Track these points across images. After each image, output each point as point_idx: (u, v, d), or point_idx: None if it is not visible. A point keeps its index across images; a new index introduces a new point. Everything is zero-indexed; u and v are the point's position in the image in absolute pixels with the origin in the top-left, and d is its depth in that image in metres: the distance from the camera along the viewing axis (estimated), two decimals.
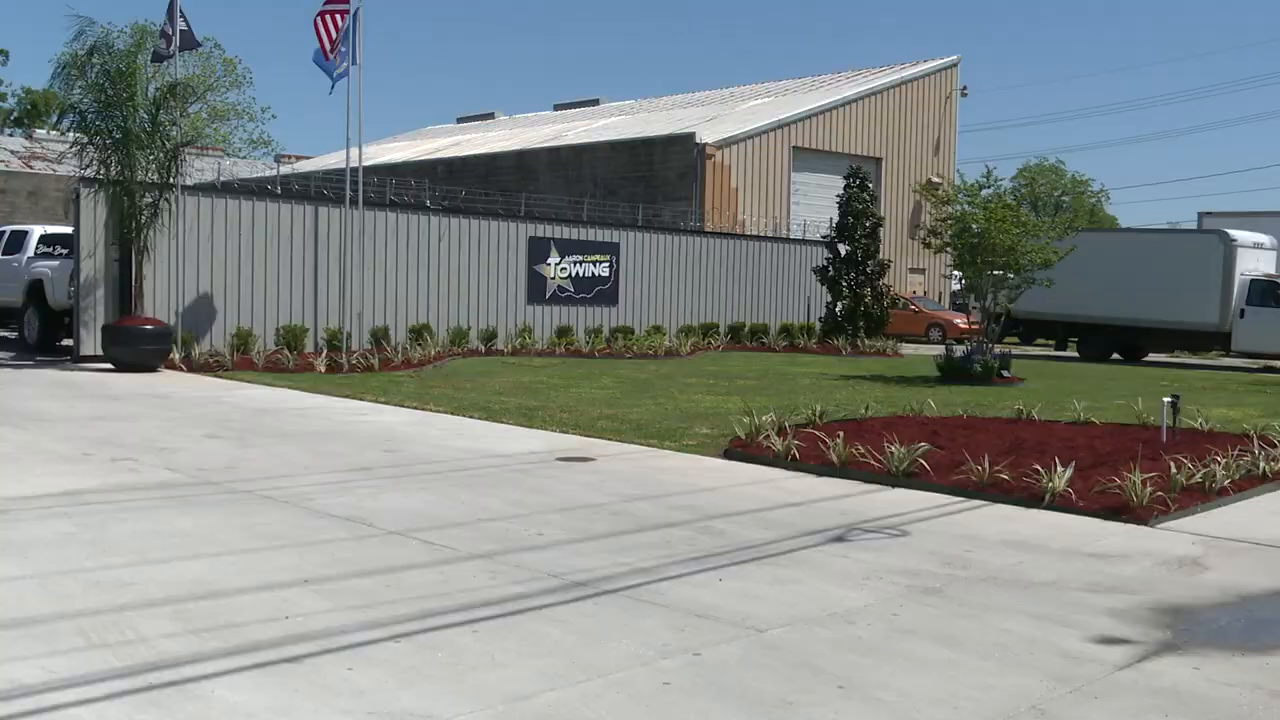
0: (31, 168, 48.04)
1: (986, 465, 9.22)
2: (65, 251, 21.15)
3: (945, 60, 44.56)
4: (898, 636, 5.40)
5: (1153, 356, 29.77)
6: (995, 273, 20.55)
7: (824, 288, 29.71)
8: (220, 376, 17.87)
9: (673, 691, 4.59)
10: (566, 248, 26.35)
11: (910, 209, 41.94)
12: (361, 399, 14.99)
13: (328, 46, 18.94)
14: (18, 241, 22.60)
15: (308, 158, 53.25)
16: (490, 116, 58.04)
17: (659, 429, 12.41)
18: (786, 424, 11.50)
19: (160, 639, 5.01)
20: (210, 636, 5.07)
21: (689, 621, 5.53)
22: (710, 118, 41.48)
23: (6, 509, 7.59)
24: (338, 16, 18.96)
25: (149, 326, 18.66)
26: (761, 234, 33.10)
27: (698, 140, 36.23)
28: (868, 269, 29.30)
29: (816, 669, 4.90)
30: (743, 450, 10.84)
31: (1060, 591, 6.30)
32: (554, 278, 26.09)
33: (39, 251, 21.97)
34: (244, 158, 52.27)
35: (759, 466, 10.32)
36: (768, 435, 11.01)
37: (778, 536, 7.48)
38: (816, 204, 37.87)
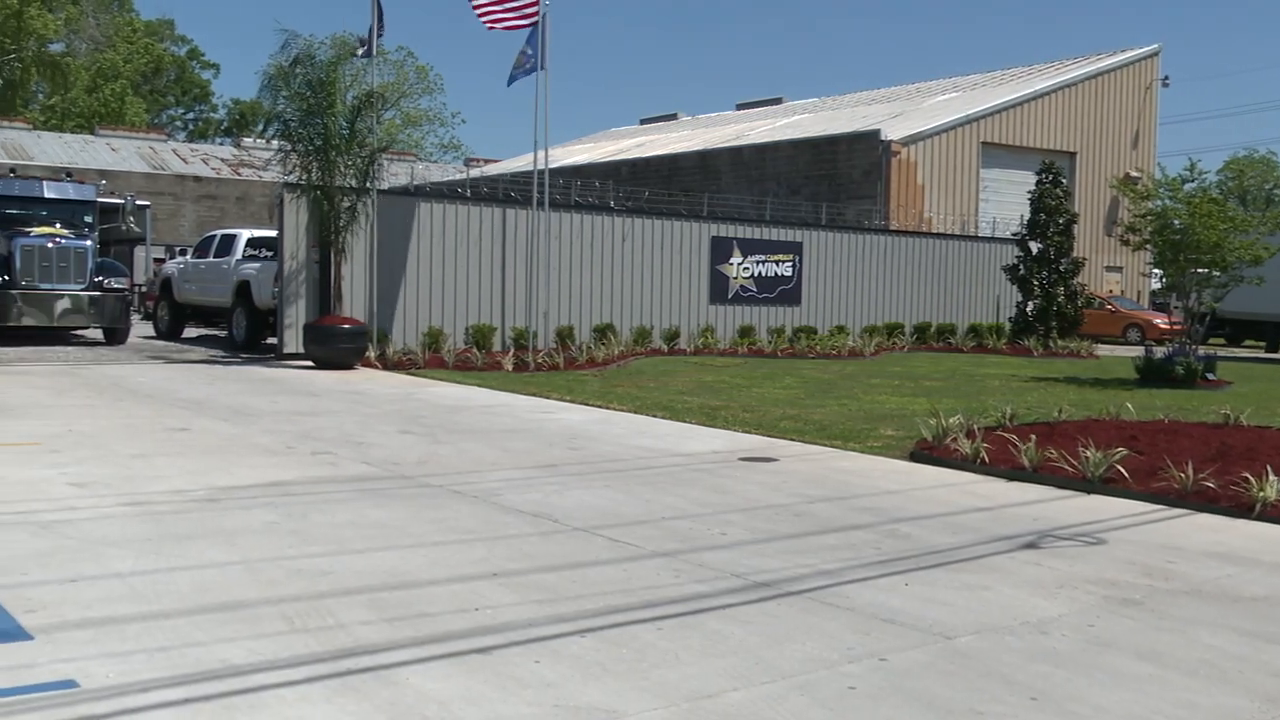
0: (239, 174, 50.61)
1: (1190, 472, 8.79)
2: (270, 254, 22.17)
3: (1145, 49, 42.72)
4: (1094, 649, 5.20)
5: None
6: (1199, 271, 19.60)
7: (1014, 286, 28.85)
8: (412, 374, 18.46)
9: (858, 696, 4.53)
10: (749, 247, 26.29)
11: (1107, 205, 40.38)
12: (547, 397, 15.27)
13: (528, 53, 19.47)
14: (227, 245, 23.83)
15: (496, 161, 54.57)
16: (673, 117, 58.36)
17: (843, 430, 12.26)
18: (975, 426, 11.20)
19: (357, 626, 5.19)
20: (404, 625, 5.23)
21: (874, 626, 5.44)
22: (896, 114, 40.77)
23: (217, 498, 8.00)
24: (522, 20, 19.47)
25: (346, 325, 19.41)
26: (948, 232, 32.38)
27: (883, 137, 35.64)
28: (1060, 267, 28.31)
29: (1007, 679, 4.75)
30: (929, 452, 10.61)
31: (1273, 607, 5.96)
32: (736, 277, 26.06)
33: (246, 254, 23.11)
34: (435, 162, 53.80)
35: (946, 469, 10.09)
36: (955, 438, 10.75)
37: (966, 541, 7.29)
38: (1006, 201, 36.83)
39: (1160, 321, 32.37)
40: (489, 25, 19.68)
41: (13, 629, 4.99)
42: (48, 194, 23.49)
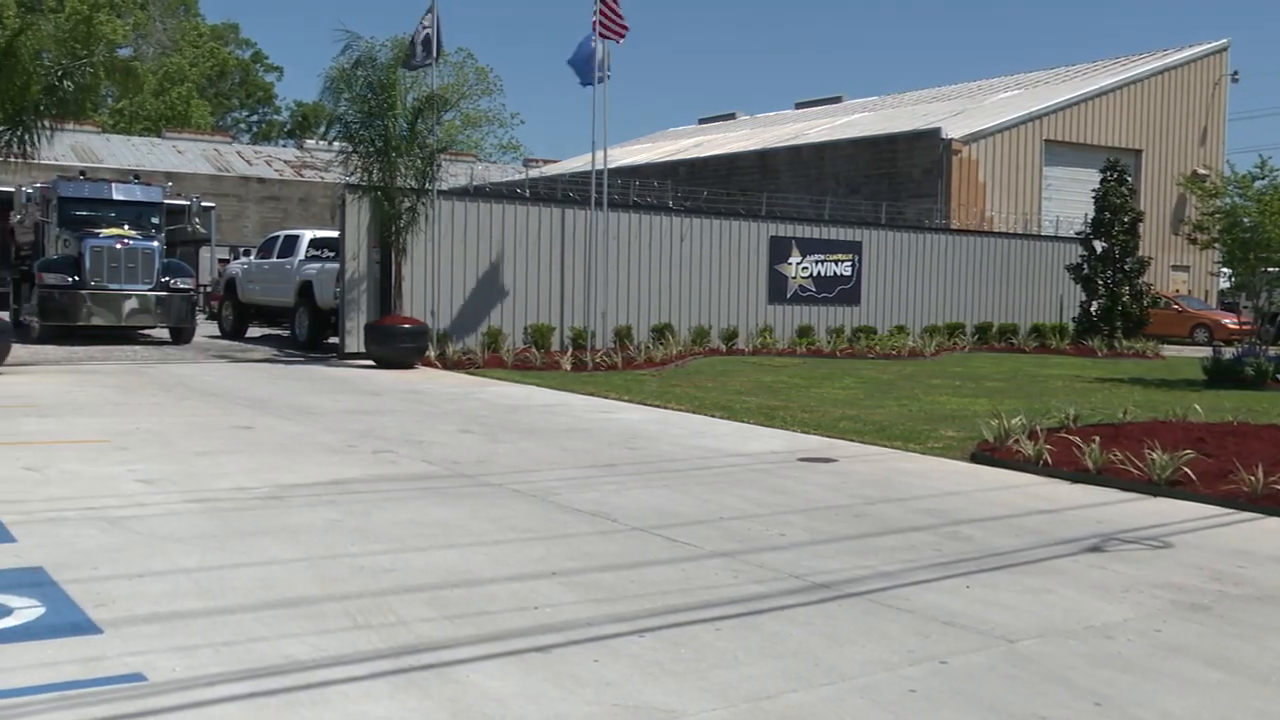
0: (302, 175, 51.23)
1: (1260, 475, 8.62)
2: (332, 254, 22.43)
3: (1214, 44, 41.98)
4: (1161, 654, 5.11)
5: None
6: (1269, 269, 19.23)
7: (1078, 286, 28.48)
8: (472, 373, 18.58)
9: (918, 699, 4.49)
10: (808, 247, 26.18)
11: (1173, 203, 39.73)
12: (605, 397, 15.30)
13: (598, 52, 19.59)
14: (290, 246, 24.14)
15: (554, 161, 54.80)
16: (731, 117, 58.26)
17: (903, 430, 12.17)
18: (1037, 427, 11.06)
19: (418, 623, 5.24)
20: (464, 623, 5.27)
21: (935, 628, 5.39)
22: (957, 112, 40.39)
23: (280, 496, 8.10)
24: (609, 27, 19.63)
25: (407, 325, 19.58)
26: (1010, 231, 32.03)
27: (943, 135, 35.32)
28: (1126, 266, 27.90)
29: (1070, 684, 4.69)
30: (990, 454, 10.50)
31: None
32: (795, 277, 25.97)
33: (309, 255, 23.39)
34: (494, 162, 54.19)
35: (1007, 471, 9.98)
36: (1017, 439, 10.63)
37: (1028, 544, 7.21)
38: (1070, 199, 36.36)
39: (1229, 321, 31.79)
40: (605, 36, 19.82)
41: (83, 622, 5.08)
42: (116, 196, 23.92)
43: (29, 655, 4.65)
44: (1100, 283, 27.84)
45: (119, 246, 22.23)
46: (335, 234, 22.26)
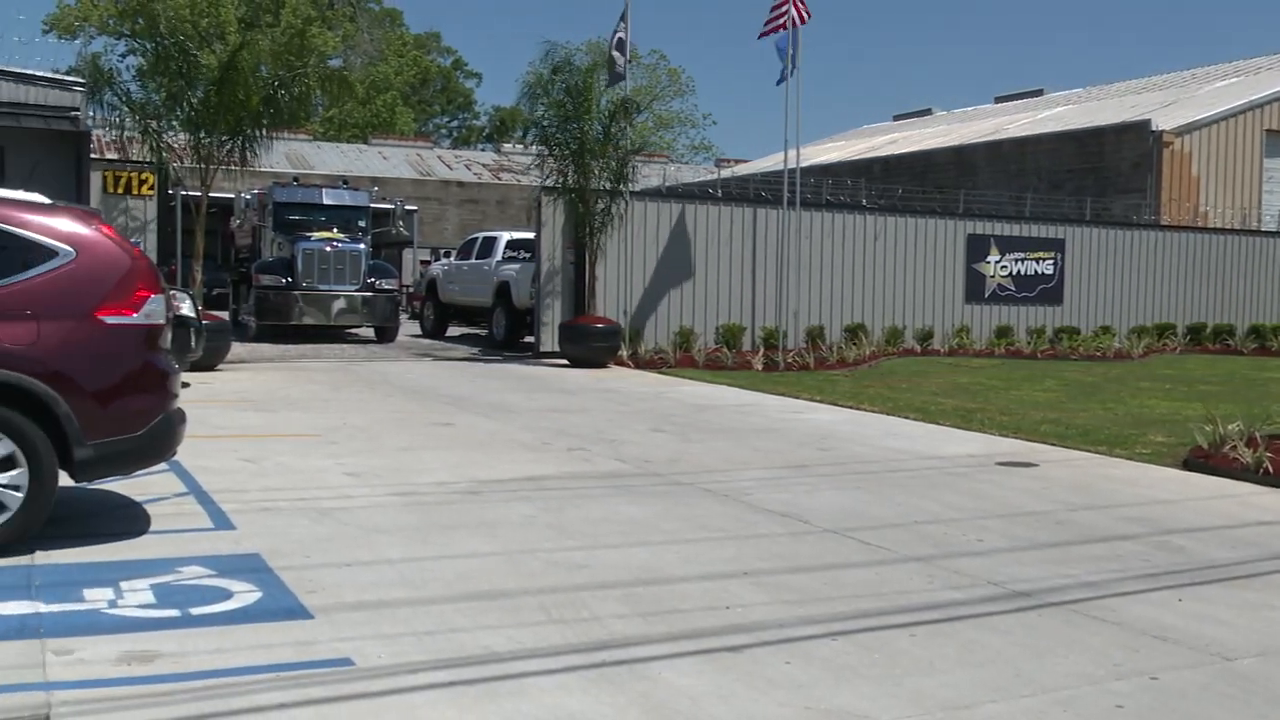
0: (499, 179, 52.56)
1: None
2: (527, 255, 22.93)
3: None
4: None
5: None
6: None
7: None
8: (663, 373, 18.72)
9: (1126, 715, 4.31)
10: (1007, 245, 25.44)
11: None
12: (797, 397, 15.20)
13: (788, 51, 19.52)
14: (488, 247, 24.79)
15: (746, 161, 54.70)
16: (927, 112, 57.03)
17: (1107, 435, 11.70)
18: (1256, 433, 10.47)
19: (611, 619, 5.31)
20: (656, 620, 5.31)
21: (1143, 642, 5.17)
22: (1167, 103, 38.56)
23: (478, 491, 8.34)
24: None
25: (600, 325, 19.86)
26: (1227, 226, 30.41)
27: (1153, 127, 33.75)
28: None
29: None
30: (1204, 461, 9.99)
31: None
32: (993, 276, 25.26)
33: (506, 256, 23.98)
34: (686, 163, 54.47)
35: (1222, 479, 9.48)
36: (1234, 445, 10.08)
37: (1246, 557, 6.83)
38: None
39: None
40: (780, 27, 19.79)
41: (296, 608, 5.34)
42: (326, 200, 25.03)
43: (248, 637, 4.92)
44: None
45: (329, 249, 23.24)
46: (531, 235, 22.74)
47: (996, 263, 25.24)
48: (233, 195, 25.97)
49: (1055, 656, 4.95)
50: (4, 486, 6.05)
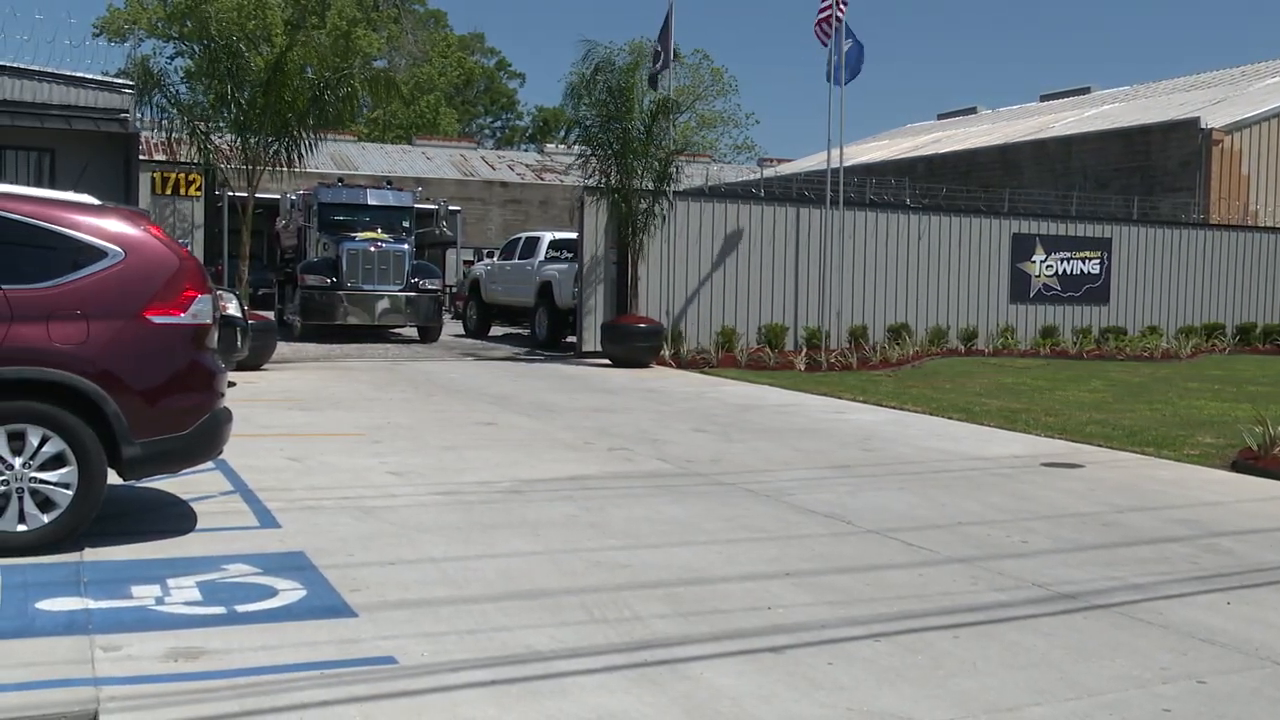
0: (542, 179, 52.70)
1: None
2: (570, 255, 22.98)
3: None
4: None
5: None
6: None
7: None
8: (705, 373, 18.70)
9: (1173, 719, 4.26)
10: (1053, 244, 25.20)
11: None
12: (839, 397, 15.13)
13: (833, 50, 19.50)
14: (531, 247, 24.88)
15: (789, 161, 54.53)
16: (972, 111, 56.58)
17: (1155, 436, 11.57)
18: None
19: (653, 619, 5.31)
20: (698, 620, 5.31)
21: (1191, 645, 5.10)
22: (1217, 100, 38.04)
23: (520, 490, 8.36)
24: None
25: (642, 325, 19.87)
26: (1278, 225, 29.96)
27: (1202, 125, 33.31)
28: None
29: None
30: (1254, 463, 9.86)
31: None
32: (1039, 275, 25.03)
33: (548, 256, 24.05)
34: (729, 162, 54.36)
35: (1272, 481, 9.35)
36: None
37: None
38: None
39: None
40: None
41: (340, 605, 5.38)
42: (371, 201, 25.20)
43: (293, 635, 4.96)
44: None
45: (373, 249, 23.40)
46: (574, 235, 22.79)
47: (1042, 262, 25.01)
48: (278, 196, 26.20)
49: (1101, 659, 4.90)
50: (54, 484, 6.14)
